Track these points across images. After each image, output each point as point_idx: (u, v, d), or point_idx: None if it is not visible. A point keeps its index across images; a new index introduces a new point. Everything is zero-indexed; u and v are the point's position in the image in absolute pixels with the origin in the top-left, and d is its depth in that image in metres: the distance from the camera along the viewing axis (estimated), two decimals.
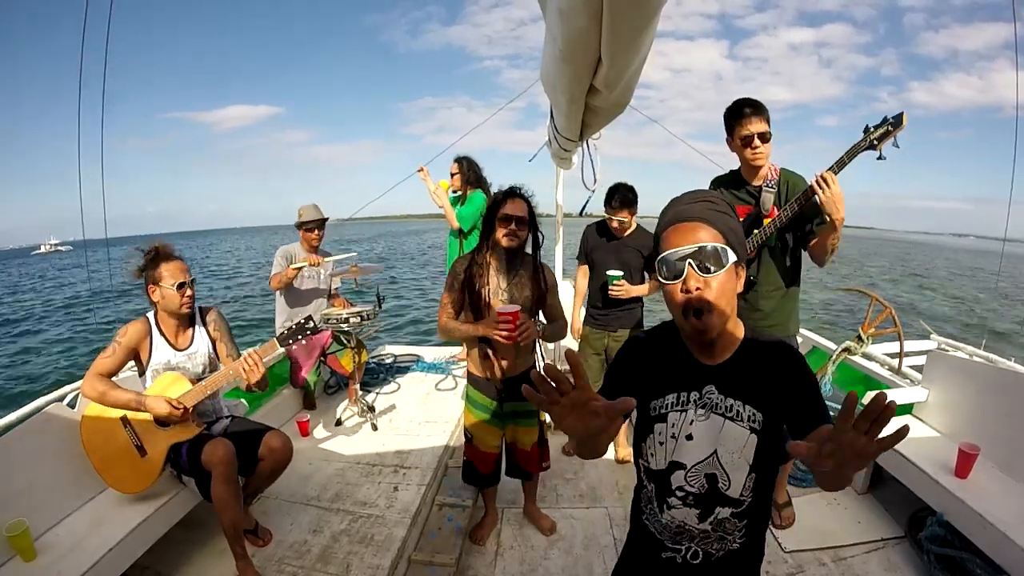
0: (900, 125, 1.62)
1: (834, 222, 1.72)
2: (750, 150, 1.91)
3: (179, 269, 1.96)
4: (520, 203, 1.85)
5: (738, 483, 0.95)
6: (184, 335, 2.03)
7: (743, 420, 0.93)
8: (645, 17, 1.11)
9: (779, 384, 0.93)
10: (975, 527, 1.74)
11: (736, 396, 0.94)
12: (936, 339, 3.03)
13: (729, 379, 0.95)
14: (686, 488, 0.98)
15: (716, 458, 0.95)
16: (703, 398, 0.96)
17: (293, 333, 2.02)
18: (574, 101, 1.73)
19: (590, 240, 2.72)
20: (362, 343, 3.34)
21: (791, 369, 0.94)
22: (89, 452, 1.88)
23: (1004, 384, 2.08)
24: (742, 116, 1.89)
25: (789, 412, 0.92)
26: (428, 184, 3.99)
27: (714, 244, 0.88)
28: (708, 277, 0.88)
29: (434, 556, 2.03)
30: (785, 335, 2.03)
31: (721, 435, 0.94)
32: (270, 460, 2.01)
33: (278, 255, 3.17)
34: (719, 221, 0.91)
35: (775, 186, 1.94)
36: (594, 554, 2.14)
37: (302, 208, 3.21)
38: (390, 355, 4.45)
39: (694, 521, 0.99)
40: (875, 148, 1.68)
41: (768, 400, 0.92)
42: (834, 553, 2.03)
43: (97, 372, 1.87)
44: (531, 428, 2.12)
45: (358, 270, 3.27)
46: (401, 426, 3.15)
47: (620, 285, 2.55)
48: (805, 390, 0.93)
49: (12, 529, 1.59)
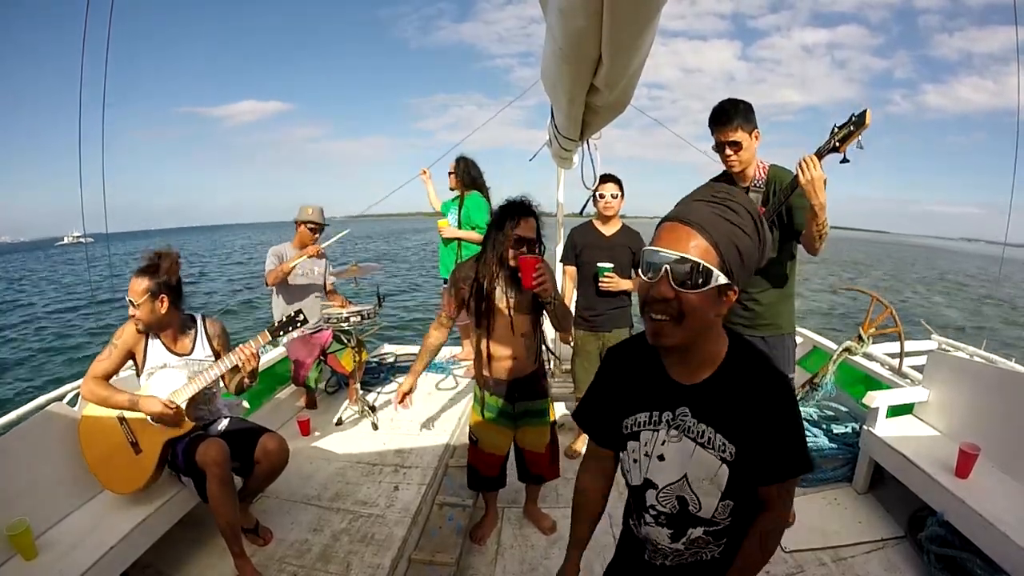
0: (863, 124, 1.52)
1: (814, 207, 1.67)
2: (722, 157, 1.90)
3: (132, 288, 1.87)
4: (532, 223, 1.81)
5: (709, 507, 0.91)
6: (182, 341, 2.02)
7: (714, 448, 0.87)
8: (646, 16, 1.10)
9: (757, 418, 0.84)
10: (975, 527, 1.74)
11: (709, 423, 0.88)
12: (936, 339, 3.03)
13: (704, 403, 0.88)
14: (658, 507, 0.96)
15: (686, 481, 0.91)
16: (676, 419, 0.90)
17: (284, 325, 2.04)
18: (574, 100, 1.73)
19: (578, 240, 2.72)
20: (362, 342, 3.34)
21: (772, 406, 0.85)
22: (85, 451, 1.89)
23: (1005, 384, 2.08)
24: (716, 122, 1.87)
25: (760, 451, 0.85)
26: (428, 188, 4.01)
27: (701, 262, 0.77)
28: (681, 292, 0.78)
29: (434, 555, 2.03)
30: (778, 333, 2.01)
31: (692, 460, 0.89)
32: (266, 463, 2.01)
33: (270, 254, 3.18)
34: (721, 234, 0.78)
35: (762, 185, 1.91)
36: (594, 554, 2.14)
37: (308, 207, 3.23)
38: (390, 354, 4.46)
39: (666, 540, 0.97)
40: (838, 150, 1.59)
41: (743, 433, 0.85)
42: (834, 553, 2.03)
43: (94, 375, 1.89)
44: (543, 428, 2.11)
45: (357, 269, 3.27)
46: (402, 425, 3.15)
47: (610, 277, 2.56)
48: (781, 433, 0.85)
49: (13, 528, 1.59)
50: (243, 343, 1.99)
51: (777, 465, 0.87)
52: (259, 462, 2.00)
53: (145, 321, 1.90)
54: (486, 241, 1.87)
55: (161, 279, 1.90)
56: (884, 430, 2.26)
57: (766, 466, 0.86)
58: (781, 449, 0.85)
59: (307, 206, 3.23)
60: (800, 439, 0.87)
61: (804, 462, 0.87)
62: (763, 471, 0.87)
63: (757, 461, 0.86)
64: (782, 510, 0.93)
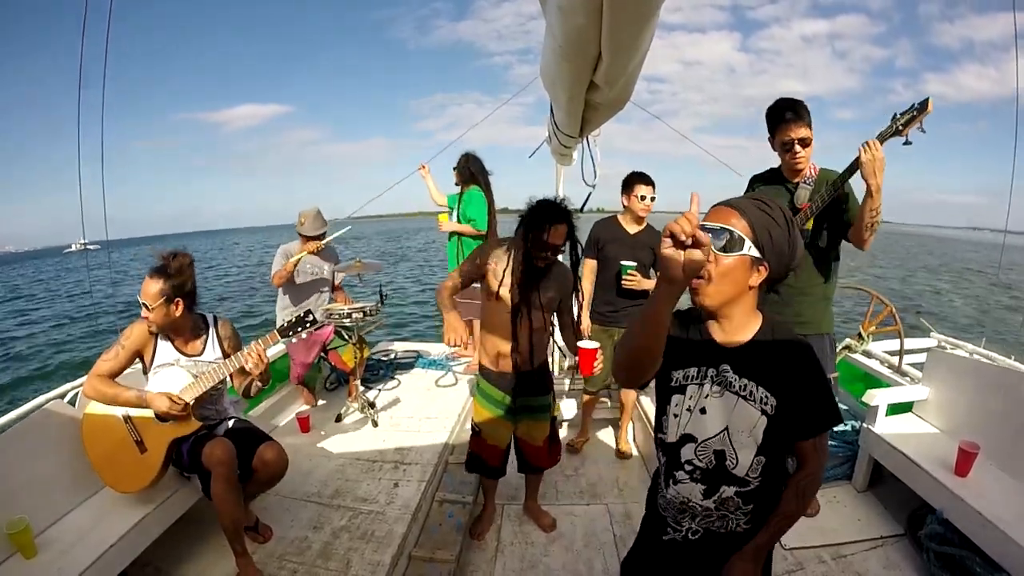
0: (925, 109, 1.66)
1: (870, 188, 1.72)
2: (790, 155, 1.91)
3: (145, 289, 1.84)
4: (563, 229, 1.81)
5: (745, 462, 0.99)
6: (194, 342, 2.00)
7: (756, 401, 0.97)
8: (645, 14, 1.10)
9: (792, 377, 0.97)
10: (975, 525, 1.74)
11: (750, 377, 0.98)
12: (936, 337, 3.03)
13: (745, 361, 0.99)
14: (695, 462, 1.03)
15: (727, 435, 1.00)
16: (720, 375, 1.00)
17: (293, 326, 2.01)
18: (574, 98, 1.72)
19: (602, 234, 2.69)
20: (363, 339, 3.34)
21: (804, 366, 0.98)
22: (89, 449, 1.89)
23: (1004, 382, 2.07)
24: (782, 120, 1.87)
25: (795, 407, 0.96)
26: (428, 183, 4.01)
27: (738, 232, 0.93)
28: (719, 255, 0.92)
29: (435, 552, 2.04)
30: (817, 332, 2.02)
31: (734, 413, 0.99)
32: (263, 473, 1.99)
33: (278, 253, 3.17)
34: (758, 219, 0.94)
35: (812, 183, 1.94)
36: (594, 551, 2.15)
37: (304, 214, 3.18)
38: (391, 351, 4.46)
39: (698, 497, 1.03)
40: (901, 134, 1.70)
41: (782, 386, 0.97)
42: (834, 550, 2.03)
43: (98, 373, 1.87)
44: (543, 423, 2.12)
45: (361, 265, 3.27)
46: (402, 422, 3.15)
47: (633, 276, 2.55)
48: (813, 390, 0.98)
49: (13, 526, 1.59)
50: (252, 343, 1.95)
51: (812, 418, 0.99)
52: (256, 471, 1.98)
53: (159, 324, 1.87)
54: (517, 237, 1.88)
55: (176, 282, 1.86)
56: (884, 428, 2.26)
57: (802, 420, 0.98)
58: (815, 404, 0.98)
59: (304, 212, 3.18)
60: (830, 396, 1.00)
61: (835, 415, 1.00)
62: (800, 425, 0.98)
63: (794, 415, 0.97)
64: (816, 465, 1.03)
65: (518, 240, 1.87)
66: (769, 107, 1.95)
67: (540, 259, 1.84)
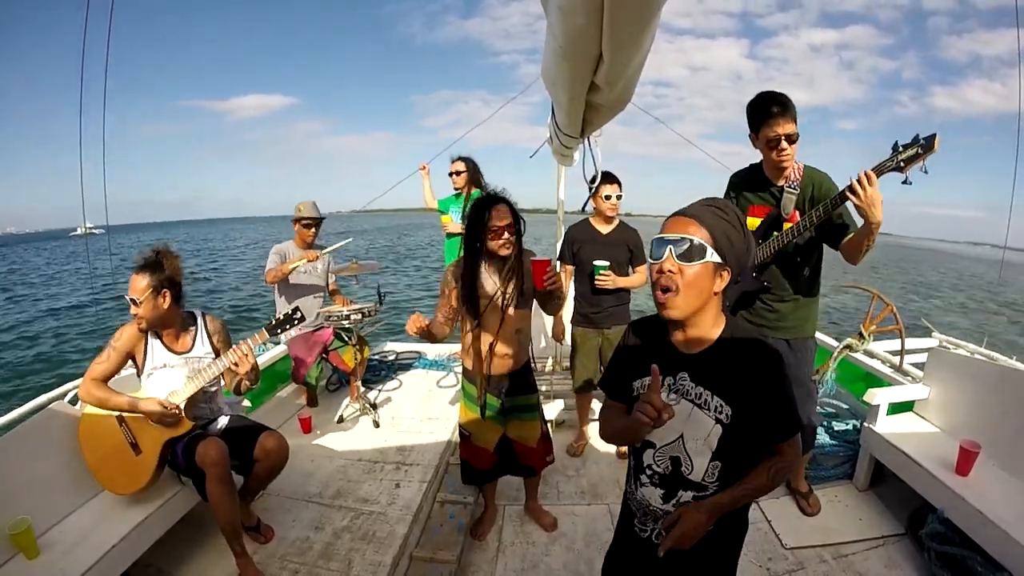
0: (931, 149, 1.48)
1: (870, 225, 1.61)
2: (776, 152, 1.80)
3: (133, 285, 1.85)
4: (503, 209, 1.82)
5: (700, 468, 1.02)
6: (183, 338, 2.02)
7: (710, 410, 0.99)
8: (646, 15, 1.10)
9: (750, 386, 0.97)
10: (976, 524, 1.74)
11: (707, 386, 1.00)
12: (937, 336, 3.03)
13: (702, 369, 1.01)
14: (654, 467, 1.07)
15: (681, 442, 1.03)
16: (676, 383, 1.03)
17: (281, 323, 2.03)
18: (575, 98, 1.72)
19: (576, 236, 2.71)
20: (364, 340, 3.34)
21: (764, 375, 0.98)
22: (85, 451, 1.89)
23: (1005, 381, 2.08)
24: (769, 116, 1.75)
25: (753, 417, 0.97)
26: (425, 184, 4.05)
27: (699, 240, 0.95)
28: (683, 265, 0.96)
29: (436, 553, 2.04)
30: (802, 336, 2.00)
31: (688, 421, 1.01)
32: (265, 462, 2.00)
33: (272, 252, 3.18)
34: (715, 225, 0.97)
35: (797, 187, 1.85)
36: (595, 550, 2.15)
37: (301, 203, 3.22)
38: (392, 352, 4.46)
39: (658, 501, 1.07)
40: (901, 171, 1.55)
41: (738, 395, 0.98)
42: (835, 550, 2.03)
43: (92, 377, 1.88)
44: (533, 423, 2.12)
45: (358, 267, 3.27)
46: (403, 423, 3.15)
47: (607, 275, 2.56)
48: (772, 400, 0.98)
49: (15, 527, 1.59)
50: (240, 341, 1.97)
51: (770, 429, 1.00)
52: (258, 460, 2.00)
53: (148, 318, 1.88)
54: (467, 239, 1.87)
55: (162, 274, 1.88)
56: (885, 427, 2.26)
57: (760, 430, 0.99)
58: (773, 414, 0.98)
59: (301, 203, 3.23)
60: (790, 405, 1.00)
61: (793, 425, 1.01)
62: (758, 435, 0.99)
63: (753, 423, 0.98)
64: (791, 456, 1.04)
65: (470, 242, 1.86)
66: (752, 100, 1.82)
67: (501, 247, 1.82)
